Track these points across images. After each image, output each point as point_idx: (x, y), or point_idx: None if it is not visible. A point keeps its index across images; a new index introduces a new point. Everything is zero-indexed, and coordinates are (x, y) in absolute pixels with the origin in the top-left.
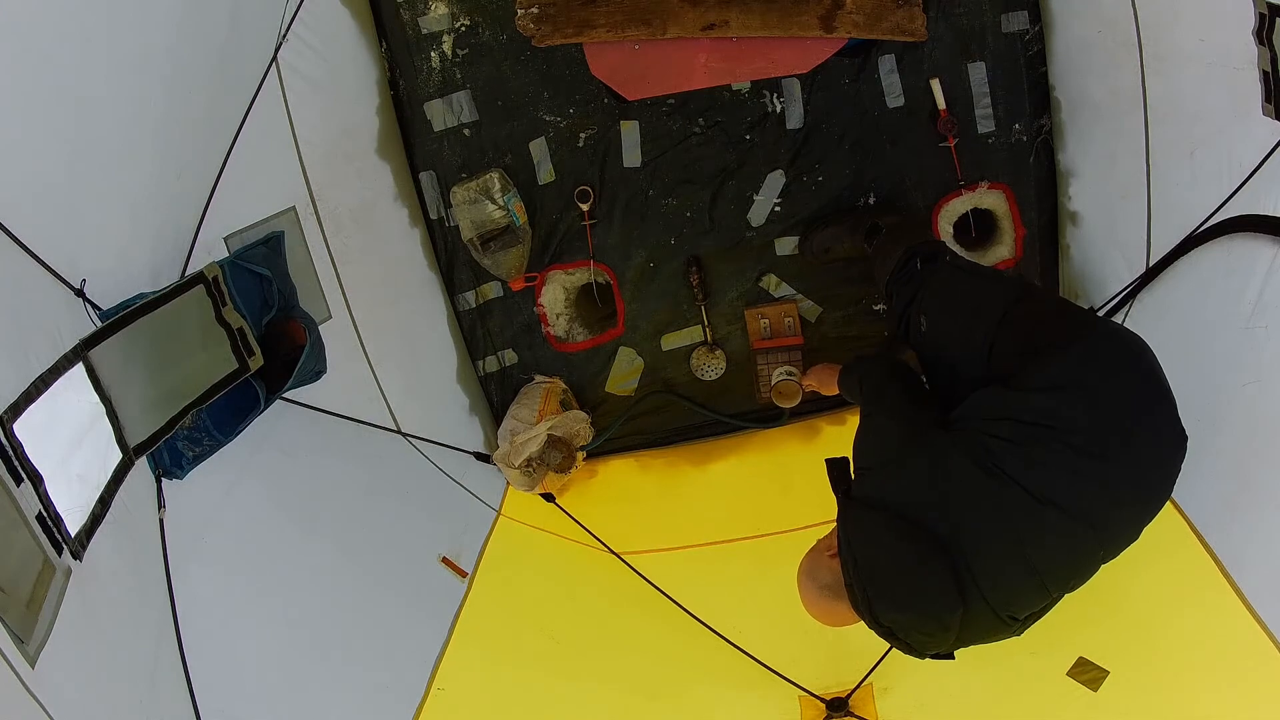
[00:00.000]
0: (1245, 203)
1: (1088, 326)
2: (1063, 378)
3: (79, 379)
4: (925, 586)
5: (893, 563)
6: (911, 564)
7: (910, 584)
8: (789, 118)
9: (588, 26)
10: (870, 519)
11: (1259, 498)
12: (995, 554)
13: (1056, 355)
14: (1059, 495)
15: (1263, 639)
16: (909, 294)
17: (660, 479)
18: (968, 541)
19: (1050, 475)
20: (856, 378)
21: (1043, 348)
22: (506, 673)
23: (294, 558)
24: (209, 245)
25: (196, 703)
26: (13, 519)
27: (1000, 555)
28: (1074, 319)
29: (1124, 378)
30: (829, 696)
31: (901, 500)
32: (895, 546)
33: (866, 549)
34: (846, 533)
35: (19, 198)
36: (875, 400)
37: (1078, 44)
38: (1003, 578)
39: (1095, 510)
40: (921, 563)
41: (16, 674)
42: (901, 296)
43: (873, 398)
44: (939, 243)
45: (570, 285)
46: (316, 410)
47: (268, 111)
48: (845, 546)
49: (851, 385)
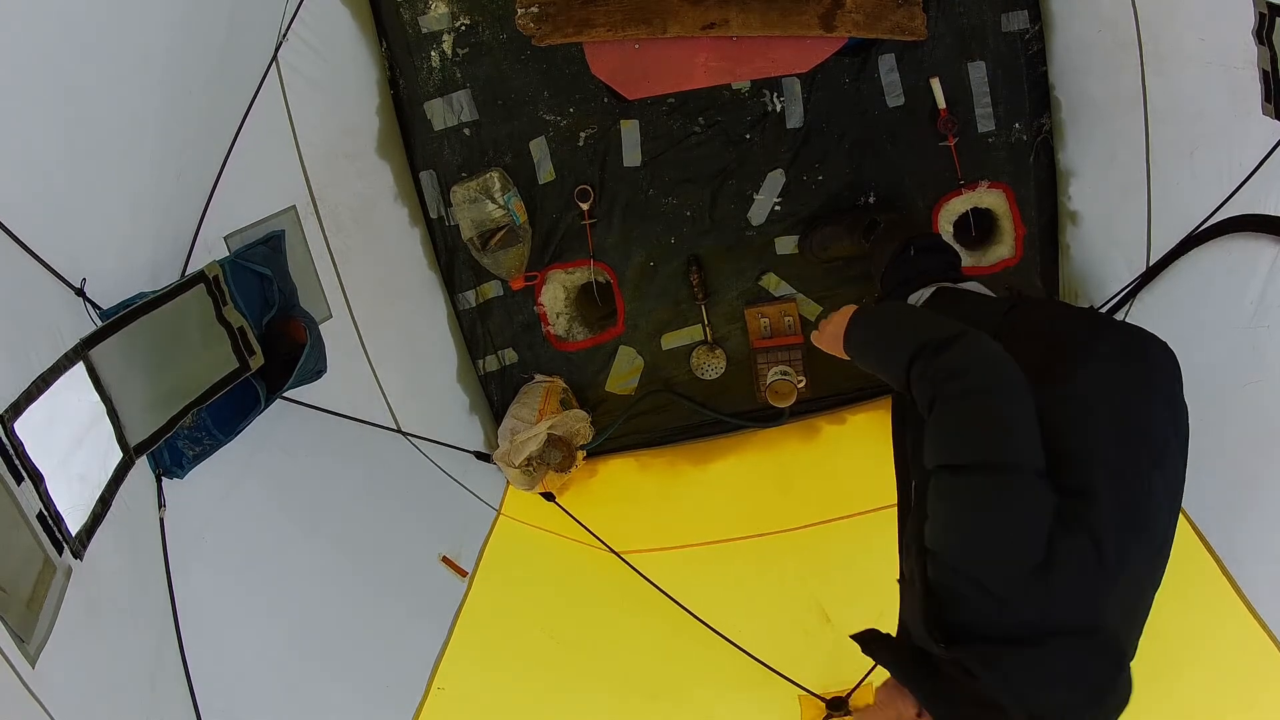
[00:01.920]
0: (1245, 202)
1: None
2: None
3: (79, 378)
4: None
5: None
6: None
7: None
8: (789, 117)
9: (588, 26)
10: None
11: (1259, 498)
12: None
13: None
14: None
15: (1263, 639)
16: (900, 276)
17: (660, 478)
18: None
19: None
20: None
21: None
22: (506, 672)
23: (294, 557)
24: (209, 244)
25: (197, 702)
26: (13, 518)
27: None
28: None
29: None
30: (829, 696)
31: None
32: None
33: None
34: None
35: (19, 198)
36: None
37: (1078, 43)
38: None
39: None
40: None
41: (17, 674)
42: (893, 279)
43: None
44: (936, 235)
45: (570, 284)
46: (317, 409)
47: (268, 111)
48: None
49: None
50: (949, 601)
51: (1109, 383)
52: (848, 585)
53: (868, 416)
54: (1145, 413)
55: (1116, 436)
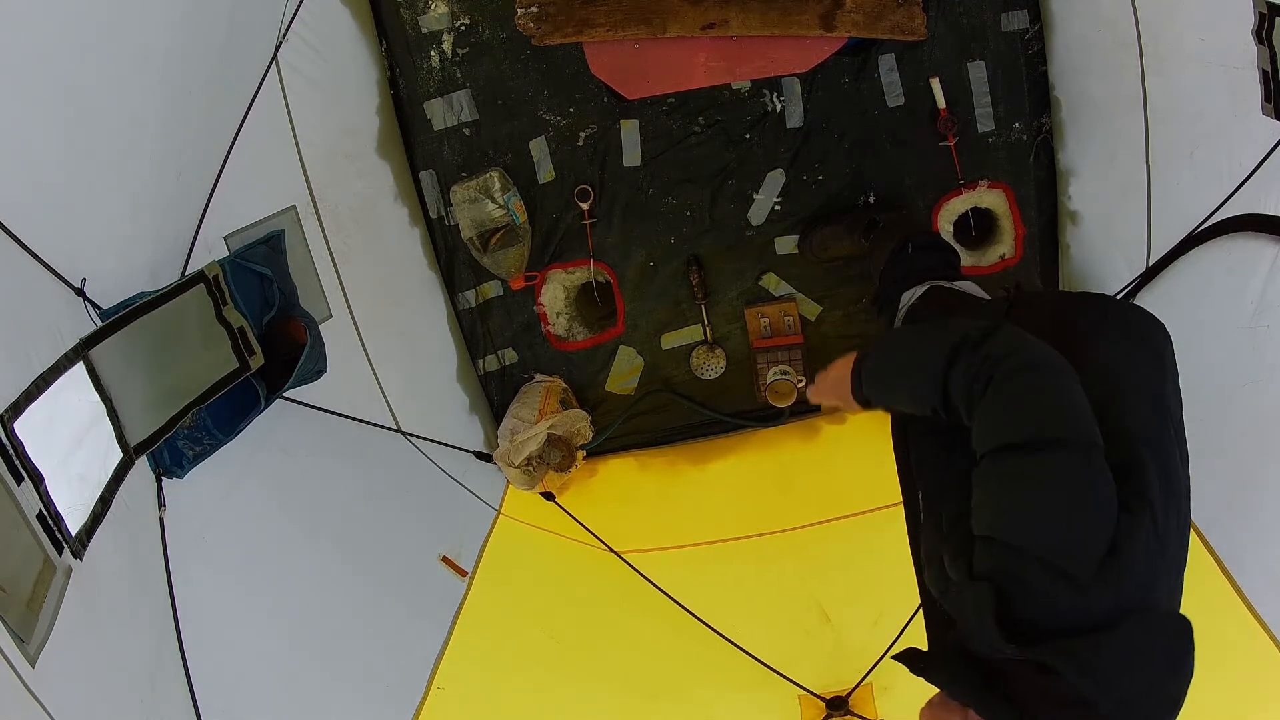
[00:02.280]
0: (1245, 202)
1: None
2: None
3: (79, 378)
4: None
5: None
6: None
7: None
8: (789, 117)
9: (588, 26)
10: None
11: (1259, 498)
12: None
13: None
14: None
15: (1263, 639)
16: (898, 273)
17: (660, 478)
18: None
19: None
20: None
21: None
22: (506, 672)
23: (294, 556)
24: (209, 244)
25: (197, 702)
26: (13, 518)
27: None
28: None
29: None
30: (829, 696)
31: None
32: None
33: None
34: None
35: (19, 198)
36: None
37: (1078, 43)
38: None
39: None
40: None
41: (17, 674)
42: (891, 276)
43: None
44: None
45: (570, 284)
46: (317, 409)
47: (268, 111)
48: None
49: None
50: (1017, 597)
51: (1126, 361)
52: (848, 585)
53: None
54: (1161, 388)
55: (1147, 412)
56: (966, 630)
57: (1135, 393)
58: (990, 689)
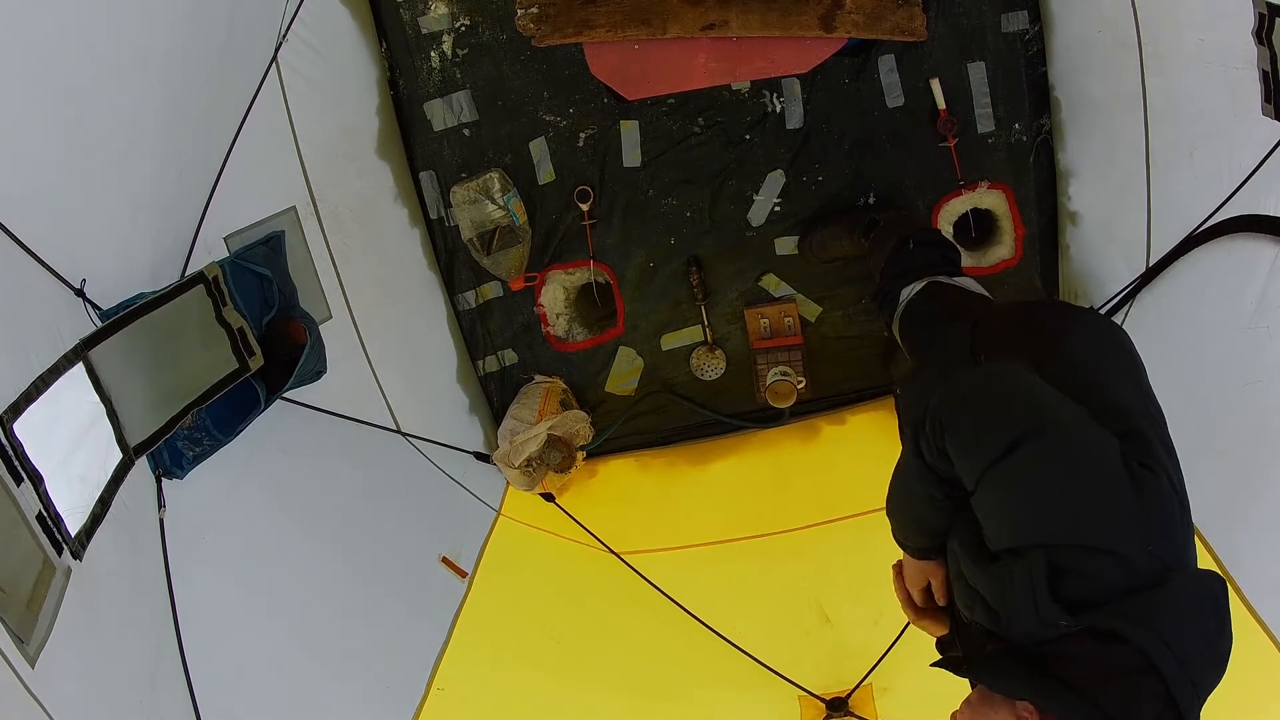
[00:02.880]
0: (1245, 203)
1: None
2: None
3: (79, 379)
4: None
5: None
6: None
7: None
8: (789, 117)
9: (587, 26)
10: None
11: (1259, 498)
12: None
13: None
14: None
15: (1263, 639)
16: (898, 269)
17: (660, 479)
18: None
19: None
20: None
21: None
22: (506, 673)
23: (294, 557)
24: (209, 245)
25: (196, 702)
26: (13, 518)
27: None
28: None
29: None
30: (829, 696)
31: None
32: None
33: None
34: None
35: (19, 198)
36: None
37: (1077, 43)
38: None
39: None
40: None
41: (16, 674)
42: (891, 272)
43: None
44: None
45: (570, 285)
46: (316, 410)
47: (268, 111)
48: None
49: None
50: (1061, 580)
51: (1099, 350)
52: (847, 585)
53: (868, 417)
54: (1138, 375)
55: (1132, 390)
56: (1015, 612)
57: (1116, 374)
58: (1045, 675)
